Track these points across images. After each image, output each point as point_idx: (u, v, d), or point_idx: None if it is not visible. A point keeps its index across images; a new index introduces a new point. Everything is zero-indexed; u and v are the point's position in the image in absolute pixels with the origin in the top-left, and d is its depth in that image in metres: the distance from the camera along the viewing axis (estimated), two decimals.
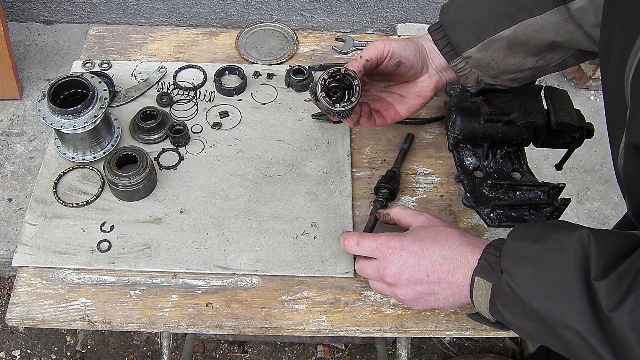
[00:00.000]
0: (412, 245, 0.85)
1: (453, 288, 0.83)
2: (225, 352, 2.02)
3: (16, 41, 2.49)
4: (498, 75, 0.99)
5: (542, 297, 0.70)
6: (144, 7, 2.54)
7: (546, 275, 0.70)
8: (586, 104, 2.44)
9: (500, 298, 0.76)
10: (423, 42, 1.00)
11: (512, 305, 0.74)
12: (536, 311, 0.70)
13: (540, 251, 0.72)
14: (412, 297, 0.87)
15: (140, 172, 1.03)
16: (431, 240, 0.86)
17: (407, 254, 0.85)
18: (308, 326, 0.96)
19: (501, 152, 1.13)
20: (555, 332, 0.70)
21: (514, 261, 0.74)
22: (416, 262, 0.84)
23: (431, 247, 0.85)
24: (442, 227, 0.88)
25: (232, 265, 1.00)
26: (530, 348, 1.98)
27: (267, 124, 1.18)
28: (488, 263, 0.79)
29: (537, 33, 0.91)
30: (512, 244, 0.76)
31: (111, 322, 0.95)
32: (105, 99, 1.06)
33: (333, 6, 2.51)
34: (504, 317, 0.77)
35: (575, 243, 0.68)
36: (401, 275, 0.85)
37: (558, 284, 0.68)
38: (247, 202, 1.07)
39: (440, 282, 0.84)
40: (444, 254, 0.84)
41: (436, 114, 1.21)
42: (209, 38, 1.32)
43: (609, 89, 0.75)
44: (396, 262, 0.86)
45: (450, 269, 0.83)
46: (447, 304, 0.86)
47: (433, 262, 0.84)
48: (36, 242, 1.01)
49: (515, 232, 0.79)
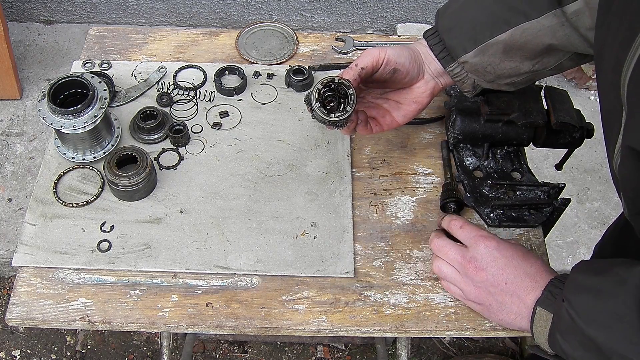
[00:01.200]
0: (506, 250, 0.89)
1: (521, 307, 0.87)
2: (225, 352, 2.02)
3: (16, 41, 2.49)
4: (494, 80, 0.98)
5: (599, 326, 0.73)
6: (144, 7, 2.54)
7: (605, 305, 0.73)
8: (586, 104, 2.44)
9: (559, 327, 0.79)
10: (418, 47, 0.99)
11: (570, 333, 0.77)
12: (593, 340, 0.73)
13: (601, 283, 0.75)
14: (480, 297, 0.90)
15: (140, 172, 1.03)
16: (522, 255, 0.90)
17: (499, 255, 0.89)
18: (308, 326, 0.96)
19: (501, 152, 1.13)
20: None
21: (575, 291, 0.77)
22: (502, 266, 0.88)
23: (520, 261, 0.88)
24: (524, 250, 0.92)
25: (232, 265, 1.00)
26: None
27: (267, 124, 1.18)
28: (551, 294, 0.83)
29: (533, 37, 0.91)
30: (574, 275, 0.80)
31: (111, 322, 0.95)
32: (105, 99, 1.06)
33: (333, 6, 2.51)
34: (561, 347, 0.79)
35: (637, 277, 0.71)
36: (483, 271, 0.89)
37: (617, 314, 0.71)
38: (247, 202, 1.07)
39: (513, 296, 0.87)
40: (528, 271, 0.88)
41: (436, 114, 1.21)
42: (209, 38, 1.32)
43: (604, 90, 0.74)
44: (486, 257, 0.89)
45: (528, 287, 0.86)
46: (505, 320, 0.90)
47: (515, 274, 0.87)
48: (36, 242, 1.01)
49: (580, 265, 0.82)
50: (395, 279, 1.01)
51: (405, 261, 1.02)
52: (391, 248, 1.04)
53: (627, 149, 0.68)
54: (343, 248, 1.02)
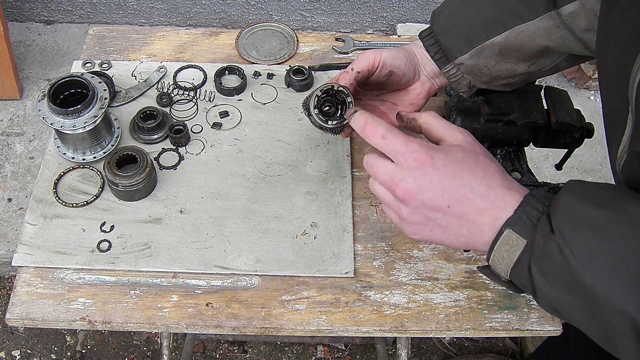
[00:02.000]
0: (444, 167, 0.71)
1: (473, 229, 0.72)
2: (225, 352, 2.02)
3: (16, 41, 2.49)
4: (490, 81, 0.98)
5: (600, 273, 0.60)
6: (144, 7, 2.54)
7: (610, 249, 0.60)
8: (586, 104, 2.44)
9: (541, 261, 0.66)
10: (414, 49, 0.99)
11: (555, 274, 0.64)
12: (588, 287, 0.61)
13: (607, 219, 0.62)
14: (417, 221, 0.74)
15: (140, 172, 1.03)
16: (468, 169, 0.71)
17: (435, 174, 0.71)
18: (308, 326, 0.96)
19: (501, 152, 1.13)
20: (601, 313, 0.62)
21: (573, 224, 0.63)
22: (442, 188, 0.71)
23: (466, 177, 0.71)
24: (483, 157, 0.74)
25: (232, 265, 1.00)
26: (530, 348, 1.98)
27: (267, 124, 1.18)
28: (528, 217, 0.68)
29: (529, 39, 0.91)
30: (570, 202, 0.65)
31: (111, 322, 0.95)
32: (105, 99, 1.06)
33: (333, 6, 2.51)
34: (534, 282, 0.67)
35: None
36: (417, 195, 0.72)
37: (622, 262, 0.60)
38: (247, 202, 1.07)
39: (460, 218, 0.72)
40: (478, 189, 0.71)
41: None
42: (209, 38, 1.32)
43: (607, 90, 0.73)
44: (419, 178, 0.72)
45: (479, 209, 0.71)
46: (453, 243, 0.75)
47: (461, 195, 0.71)
48: (36, 242, 1.01)
49: (574, 189, 0.67)
50: (395, 279, 1.01)
51: (405, 261, 1.02)
52: (391, 248, 1.04)
53: (634, 153, 0.67)
54: (343, 248, 1.02)
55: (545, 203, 0.68)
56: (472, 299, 0.99)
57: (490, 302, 0.99)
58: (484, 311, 0.98)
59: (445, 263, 1.03)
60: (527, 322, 0.98)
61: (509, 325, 0.97)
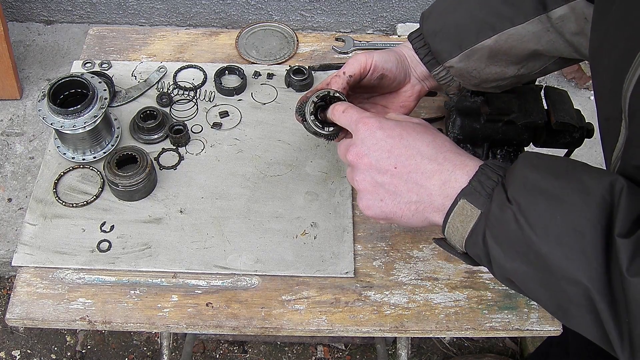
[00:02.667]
0: (392, 129, 0.74)
1: (421, 194, 0.72)
2: (225, 352, 2.02)
3: (16, 41, 2.49)
4: (480, 84, 0.98)
5: (554, 242, 0.61)
6: (144, 7, 2.54)
7: (564, 218, 0.60)
8: (586, 104, 2.44)
9: (496, 231, 0.65)
10: (404, 51, 0.99)
11: (510, 243, 0.64)
12: (543, 256, 0.61)
13: (563, 189, 0.62)
14: (367, 189, 0.75)
15: (140, 172, 1.03)
16: (416, 134, 0.73)
17: (382, 135, 0.74)
18: (308, 326, 0.96)
19: (501, 152, 1.13)
20: (555, 283, 0.62)
21: (527, 193, 0.63)
22: (388, 148, 0.73)
23: (413, 140, 0.73)
24: (435, 131, 0.76)
25: (232, 265, 1.00)
26: (530, 348, 1.98)
27: (267, 124, 1.18)
28: (482, 187, 0.68)
29: (519, 42, 0.91)
30: (526, 172, 0.65)
31: (111, 322, 0.95)
32: (105, 99, 1.06)
33: (333, 6, 2.51)
34: (490, 252, 0.66)
35: (605, 190, 0.60)
36: (364, 157, 0.74)
37: (576, 231, 0.60)
38: (247, 202, 1.07)
39: (408, 181, 0.72)
40: (425, 152, 0.72)
41: (436, 114, 1.21)
42: (209, 38, 1.32)
43: (601, 97, 0.72)
44: (366, 140, 0.74)
45: (427, 170, 0.71)
46: (405, 214, 0.74)
47: (408, 155, 0.72)
48: (36, 242, 1.01)
49: (529, 159, 0.67)
50: (395, 279, 1.01)
51: (405, 261, 1.02)
52: (391, 248, 1.04)
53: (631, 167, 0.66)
54: (343, 248, 1.02)
55: (499, 173, 0.68)
56: (472, 299, 0.99)
57: (490, 302, 0.99)
58: (484, 311, 0.98)
59: (445, 263, 1.03)
60: (527, 322, 0.98)
61: (509, 325, 0.97)
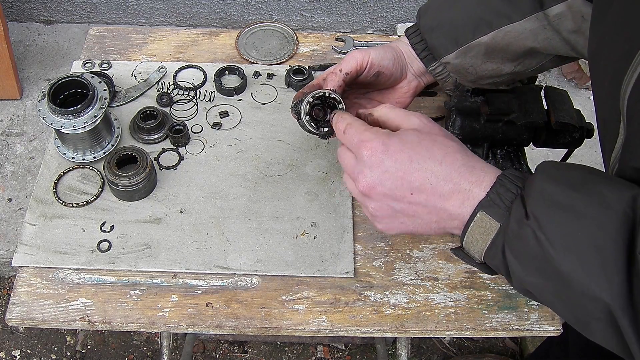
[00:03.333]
0: (399, 152, 0.69)
1: (441, 214, 0.69)
2: (225, 352, 2.02)
3: (16, 41, 2.49)
4: (476, 80, 0.99)
5: (575, 259, 0.59)
6: (144, 7, 2.54)
7: (585, 233, 0.59)
8: (586, 104, 2.44)
9: (515, 246, 0.64)
10: (401, 47, 0.98)
11: (529, 258, 0.63)
12: (562, 273, 0.60)
13: (582, 202, 0.60)
14: (385, 215, 0.72)
15: (140, 172, 1.03)
16: (425, 152, 0.69)
17: (390, 162, 0.69)
18: (308, 326, 0.96)
19: (501, 152, 1.13)
20: (575, 298, 0.60)
21: (547, 208, 0.61)
22: (400, 176, 0.69)
23: (423, 161, 0.69)
24: (442, 137, 0.71)
25: (232, 265, 1.00)
26: (530, 348, 1.98)
27: (267, 124, 1.18)
28: (501, 200, 0.65)
29: (515, 39, 0.91)
30: (545, 185, 0.63)
31: (111, 322, 0.95)
32: (105, 99, 1.06)
33: (333, 6, 2.51)
34: (509, 266, 0.65)
35: (627, 204, 0.58)
36: (377, 187, 0.70)
37: (597, 247, 0.58)
38: (247, 202, 1.07)
39: (426, 206, 0.69)
40: (439, 172, 0.68)
41: (436, 114, 1.21)
42: (209, 38, 1.32)
43: (600, 98, 0.72)
44: (375, 169, 0.70)
45: (445, 193, 0.68)
46: (426, 231, 0.72)
47: (422, 180, 0.68)
48: (36, 242, 1.01)
49: (547, 170, 0.65)
50: (395, 279, 1.01)
51: (405, 261, 1.02)
52: (391, 248, 1.04)
53: (629, 169, 0.66)
54: (343, 248, 1.02)
55: (518, 184, 0.66)
56: (472, 299, 0.99)
57: (490, 302, 0.99)
58: (484, 311, 0.98)
59: (445, 263, 1.03)
60: (527, 322, 0.98)
61: (509, 325, 0.97)
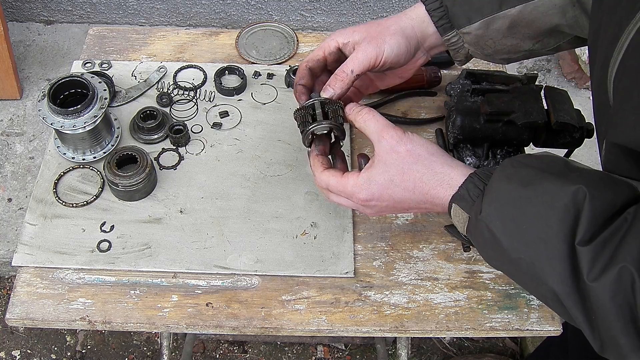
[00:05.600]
0: (383, 198, 0.81)
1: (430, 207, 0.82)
2: (225, 352, 2.02)
3: (16, 41, 2.49)
4: (492, 54, 0.95)
5: (522, 249, 0.67)
6: (144, 7, 2.54)
7: (530, 226, 0.66)
8: (586, 104, 2.44)
9: (475, 236, 0.74)
10: (413, 24, 0.92)
11: (488, 247, 0.73)
12: (515, 261, 0.68)
13: (529, 198, 0.67)
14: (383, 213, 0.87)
15: (140, 172, 1.03)
16: (400, 189, 0.80)
17: (382, 205, 0.83)
18: (308, 326, 0.96)
19: (501, 152, 1.13)
20: (531, 283, 0.69)
21: (499, 204, 0.69)
22: (392, 207, 0.83)
23: (402, 194, 0.81)
24: (408, 164, 0.80)
25: (232, 265, 1.00)
26: (530, 348, 1.98)
27: (267, 124, 1.18)
28: (469, 194, 0.75)
29: (543, 15, 0.88)
30: (498, 183, 0.71)
31: (111, 322, 0.95)
32: (105, 99, 1.06)
33: (333, 6, 2.51)
34: (480, 253, 0.77)
35: (568, 199, 0.64)
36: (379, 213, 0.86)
37: (541, 239, 0.65)
38: (247, 202, 1.07)
39: (416, 208, 0.83)
40: (415, 199, 0.80)
41: (436, 114, 1.21)
42: (209, 38, 1.32)
43: (596, 85, 0.74)
44: (372, 210, 0.84)
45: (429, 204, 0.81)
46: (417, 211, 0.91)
47: (408, 204, 0.82)
48: (36, 242, 1.01)
49: (504, 169, 0.73)
50: (395, 279, 1.01)
51: (405, 261, 1.02)
52: (391, 248, 1.04)
53: (610, 144, 0.68)
54: (343, 248, 1.02)
55: (485, 182, 0.74)
56: (472, 299, 0.99)
57: (490, 302, 0.99)
58: (484, 311, 0.98)
59: (445, 263, 1.03)
60: (527, 322, 0.98)
61: (509, 325, 0.97)
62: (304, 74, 0.93)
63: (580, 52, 2.32)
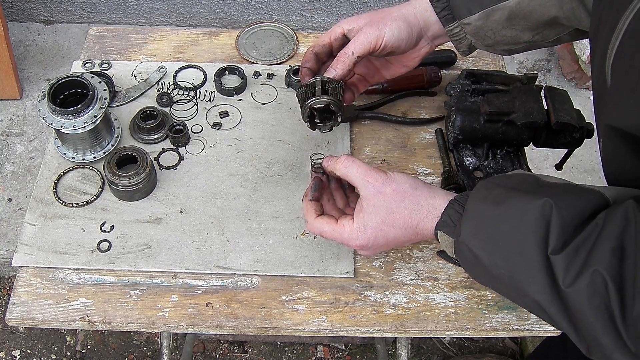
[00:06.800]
0: (378, 240, 0.85)
1: (416, 238, 0.85)
2: (225, 352, 2.02)
3: (16, 41, 2.49)
4: (493, 45, 0.98)
5: (502, 264, 0.70)
6: (144, 7, 2.54)
7: (506, 241, 0.69)
8: (586, 104, 2.44)
9: (460, 257, 0.77)
10: (416, 11, 0.95)
11: (471, 266, 0.76)
12: (497, 277, 0.71)
13: (501, 215, 0.71)
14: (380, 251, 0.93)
15: (140, 172, 1.03)
16: (393, 228, 0.84)
17: (378, 245, 0.86)
18: (308, 326, 0.96)
19: (501, 152, 1.13)
20: (515, 296, 0.72)
21: (474, 224, 0.73)
22: (387, 245, 0.87)
23: (395, 232, 0.84)
24: (396, 202, 0.83)
25: (232, 265, 1.00)
26: (530, 348, 1.98)
27: (267, 124, 1.18)
28: (451, 219, 0.79)
29: (541, 6, 0.90)
30: (474, 205, 0.75)
31: (111, 322, 0.95)
32: (105, 99, 1.06)
33: (333, 6, 2.51)
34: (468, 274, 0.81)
35: (537, 212, 0.67)
36: (375, 253, 0.91)
37: (517, 252, 0.68)
38: (247, 202, 1.07)
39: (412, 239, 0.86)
40: (407, 234, 0.84)
41: (436, 114, 1.21)
42: (209, 38, 1.32)
43: (596, 75, 0.74)
44: (369, 251, 0.88)
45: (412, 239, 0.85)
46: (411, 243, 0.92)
47: (402, 240, 0.85)
48: (36, 242, 1.01)
49: (479, 191, 0.77)
50: (395, 279, 1.01)
51: (405, 261, 1.02)
52: (391, 248, 1.04)
53: (607, 129, 0.69)
54: (343, 248, 1.02)
55: (464, 205, 0.78)
56: (472, 299, 0.99)
57: (490, 302, 0.99)
58: (484, 311, 0.98)
59: (445, 263, 1.03)
60: (527, 322, 0.98)
61: (509, 325, 0.97)
62: (310, 57, 0.97)
63: (580, 52, 2.32)
